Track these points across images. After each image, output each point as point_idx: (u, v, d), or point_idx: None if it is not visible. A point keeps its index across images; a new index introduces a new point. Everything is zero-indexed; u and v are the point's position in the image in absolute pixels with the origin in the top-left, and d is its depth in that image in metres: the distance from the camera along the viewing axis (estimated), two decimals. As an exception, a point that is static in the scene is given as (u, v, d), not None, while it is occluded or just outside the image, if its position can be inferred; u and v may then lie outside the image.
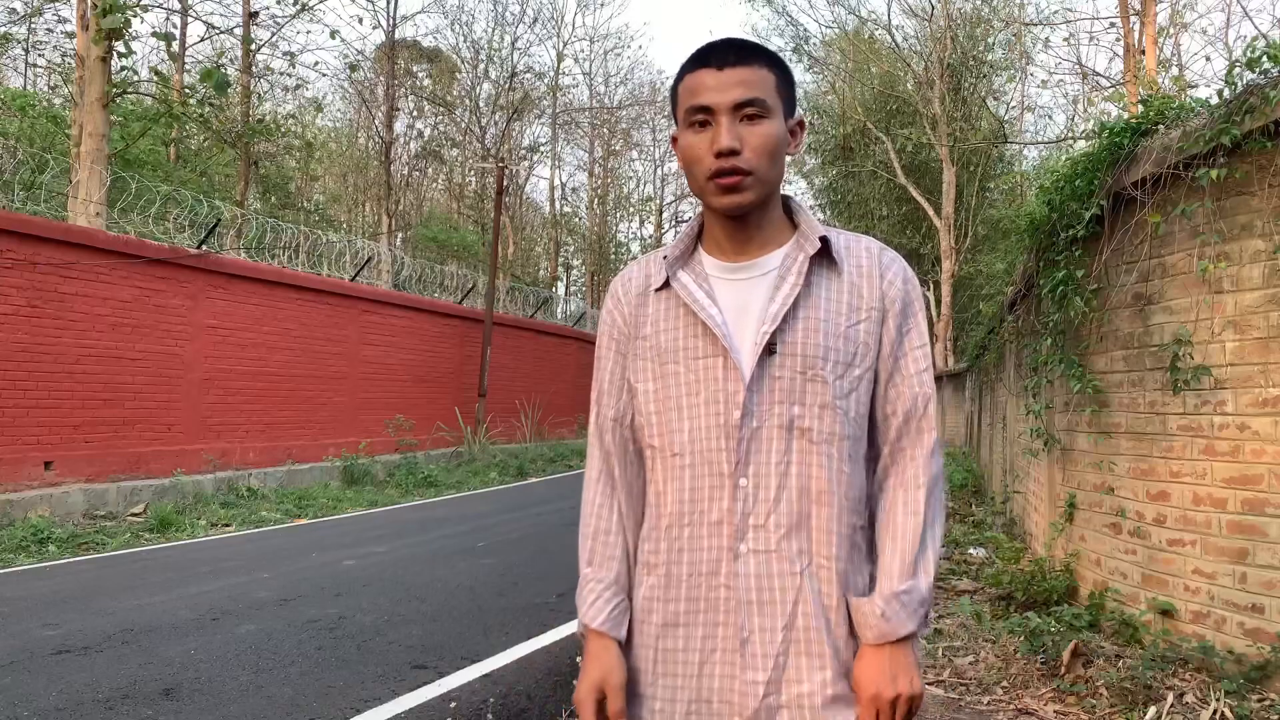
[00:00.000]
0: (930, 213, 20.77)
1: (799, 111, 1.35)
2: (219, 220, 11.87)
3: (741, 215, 1.30)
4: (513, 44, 29.69)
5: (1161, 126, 4.22)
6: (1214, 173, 3.70)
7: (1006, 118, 23.33)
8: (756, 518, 1.25)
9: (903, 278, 1.33)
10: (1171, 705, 3.36)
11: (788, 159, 1.35)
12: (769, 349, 1.26)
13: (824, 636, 1.24)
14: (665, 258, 1.35)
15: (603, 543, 1.39)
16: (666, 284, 1.34)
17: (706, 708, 1.26)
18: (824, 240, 1.31)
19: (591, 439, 1.44)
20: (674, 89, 1.33)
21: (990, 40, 21.21)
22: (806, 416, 1.26)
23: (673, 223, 43.51)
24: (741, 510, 1.25)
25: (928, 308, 24.87)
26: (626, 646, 1.36)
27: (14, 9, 18.34)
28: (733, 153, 1.23)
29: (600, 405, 1.42)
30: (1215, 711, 3.26)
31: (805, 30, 25.20)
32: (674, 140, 1.34)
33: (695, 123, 1.27)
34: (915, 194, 20.79)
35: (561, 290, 36.79)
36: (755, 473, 1.26)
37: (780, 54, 1.38)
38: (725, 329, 1.28)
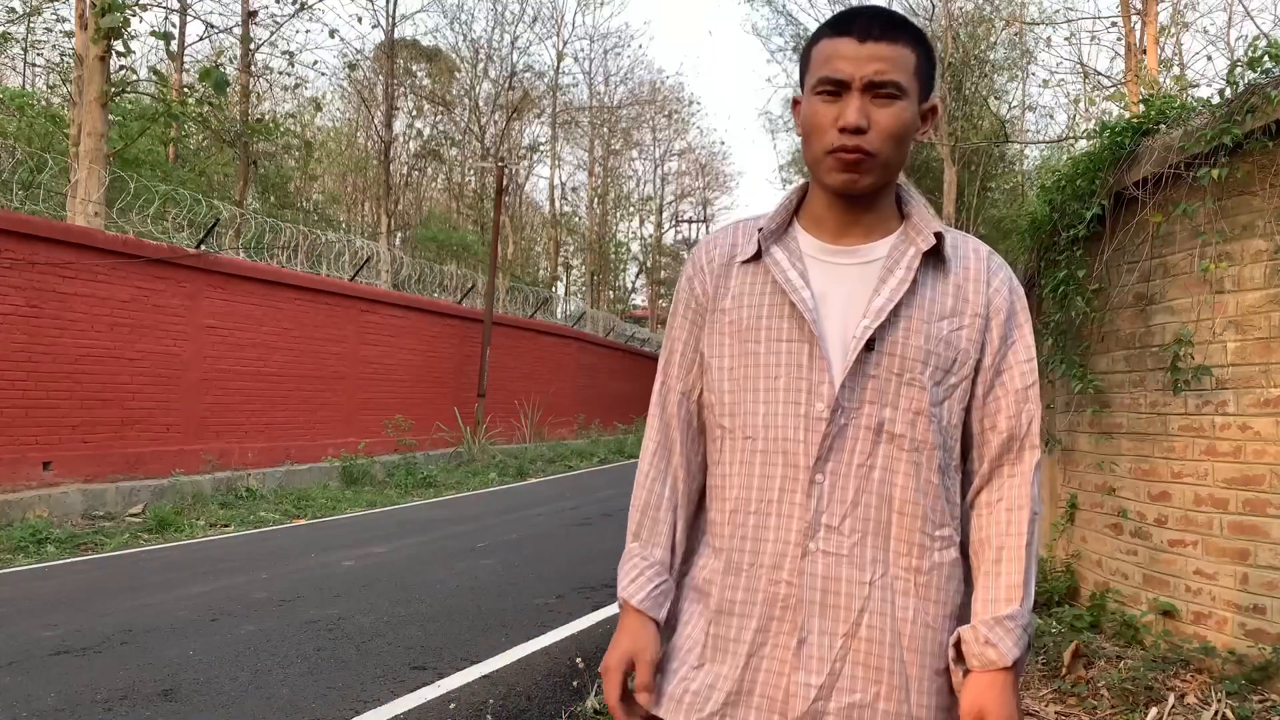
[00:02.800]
0: (931, 212, 20.74)
1: (934, 95, 1.27)
2: (218, 220, 11.85)
3: (853, 197, 1.23)
4: (512, 43, 29.71)
5: (1163, 126, 4.21)
6: (1215, 172, 3.69)
7: (1008, 117, 23.32)
8: (830, 518, 1.19)
9: (1009, 285, 1.26)
10: (1173, 706, 3.35)
11: (914, 144, 1.27)
12: (868, 345, 1.19)
13: (886, 650, 1.19)
14: (760, 229, 1.28)
15: (651, 518, 1.34)
16: (755, 257, 1.28)
17: (747, 699, 1.21)
18: (938, 236, 1.24)
19: (653, 409, 1.37)
20: (807, 51, 1.25)
21: (992, 40, 21.21)
22: (899, 421, 1.20)
23: (672, 222, 43.53)
24: (815, 507, 1.20)
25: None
26: (668, 626, 1.33)
27: (13, 8, 18.32)
28: (859, 131, 1.16)
29: (668, 376, 1.36)
30: (1216, 712, 3.25)
31: (805, 29, 25.18)
32: (795, 104, 1.28)
33: (824, 92, 1.20)
34: (916, 194, 20.75)
35: (561, 290, 36.78)
36: (834, 471, 1.19)
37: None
38: (815, 314, 1.21)
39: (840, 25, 1.21)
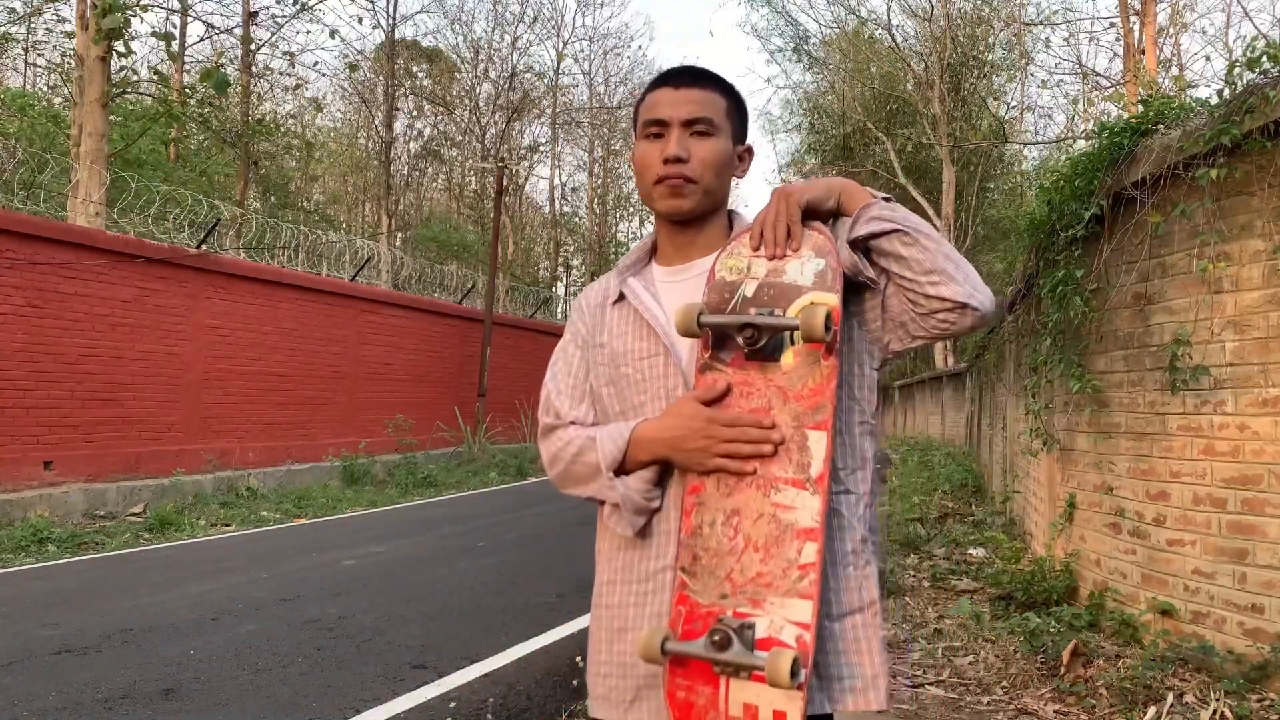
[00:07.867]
0: (930, 213, 20.77)
1: (748, 141, 1.47)
2: (218, 220, 11.87)
3: (683, 221, 1.40)
4: (512, 44, 29.66)
5: (1161, 126, 4.22)
6: (1214, 172, 3.70)
7: (1006, 118, 23.34)
8: None
9: None
10: (1171, 705, 3.36)
11: (735, 181, 1.44)
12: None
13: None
14: (619, 270, 1.47)
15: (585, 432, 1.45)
16: (622, 297, 1.44)
17: (629, 647, 1.37)
18: None
19: (542, 442, 1.47)
20: (636, 107, 1.44)
21: (990, 40, 21.23)
22: None
23: (672, 223, 43.44)
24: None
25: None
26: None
27: (14, 9, 18.32)
28: (679, 160, 1.34)
29: (559, 409, 1.45)
30: (1215, 711, 3.26)
31: (805, 30, 25.16)
32: (633, 155, 1.45)
33: (650, 134, 1.38)
34: (915, 194, 20.80)
35: (561, 290, 36.76)
36: None
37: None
38: (665, 327, 1.37)
39: (660, 80, 1.41)
